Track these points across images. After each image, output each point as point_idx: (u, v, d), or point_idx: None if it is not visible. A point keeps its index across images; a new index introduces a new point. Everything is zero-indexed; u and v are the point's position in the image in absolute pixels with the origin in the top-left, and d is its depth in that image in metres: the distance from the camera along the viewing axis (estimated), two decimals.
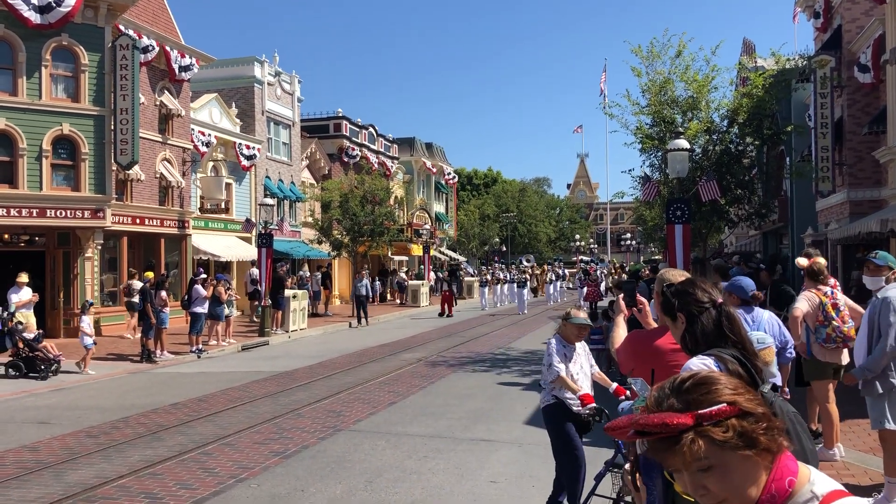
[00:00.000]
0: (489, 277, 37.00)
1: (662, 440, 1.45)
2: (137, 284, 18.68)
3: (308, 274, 31.06)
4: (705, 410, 1.44)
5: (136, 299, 18.75)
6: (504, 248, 66.16)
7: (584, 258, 69.31)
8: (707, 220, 18.41)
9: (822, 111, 21.01)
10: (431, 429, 9.66)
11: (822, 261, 7.80)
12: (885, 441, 6.30)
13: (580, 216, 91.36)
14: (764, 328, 5.94)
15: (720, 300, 3.05)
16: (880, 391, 6.09)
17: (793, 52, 23.59)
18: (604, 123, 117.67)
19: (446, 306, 30.14)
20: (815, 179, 21.34)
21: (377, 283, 38.40)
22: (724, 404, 1.44)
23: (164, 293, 17.60)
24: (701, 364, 2.78)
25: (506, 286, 37.69)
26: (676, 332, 3.17)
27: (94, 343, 15.33)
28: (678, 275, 4.03)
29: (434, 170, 53.64)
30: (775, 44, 67.24)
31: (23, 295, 15.75)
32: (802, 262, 7.83)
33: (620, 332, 4.72)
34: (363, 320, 26.27)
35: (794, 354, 6.60)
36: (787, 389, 6.52)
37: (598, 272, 36.77)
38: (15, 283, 16.15)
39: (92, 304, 16.94)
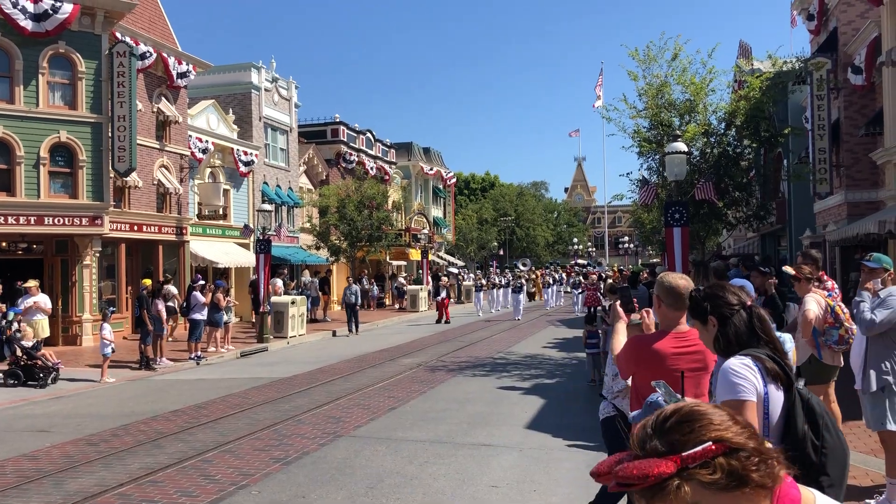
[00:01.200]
0: (484, 282, 36.43)
1: (648, 487, 1.35)
2: (173, 289, 18.48)
3: (308, 279, 31.06)
4: (689, 453, 1.33)
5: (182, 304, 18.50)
6: (502, 253, 66.14)
7: (581, 261, 69.29)
8: (705, 222, 18.43)
9: (819, 113, 21.06)
10: (432, 434, 9.64)
11: (807, 267, 7.77)
12: (885, 442, 6.31)
13: (578, 220, 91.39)
14: None
15: (749, 302, 3.14)
16: (873, 388, 6.12)
17: (789, 54, 23.66)
18: (601, 127, 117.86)
19: (442, 312, 29.62)
20: (812, 181, 21.38)
21: (375, 287, 38.39)
22: (710, 443, 1.35)
23: (160, 301, 17.61)
24: (740, 364, 2.89)
25: (501, 291, 37.03)
26: (707, 335, 3.23)
27: (113, 350, 15.36)
28: (678, 278, 4.05)
29: (432, 174, 53.67)
30: (772, 46, 67.43)
31: (28, 302, 15.81)
32: (789, 269, 7.82)
33: (620, 339, 4.71)
34: (354, 328, 25.30)
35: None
36: None
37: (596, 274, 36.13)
38: (26, 290, 16.21)
39: (114, 312, 16.89)
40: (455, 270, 47.34)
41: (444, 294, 29.91)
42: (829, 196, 21.63)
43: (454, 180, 59.99)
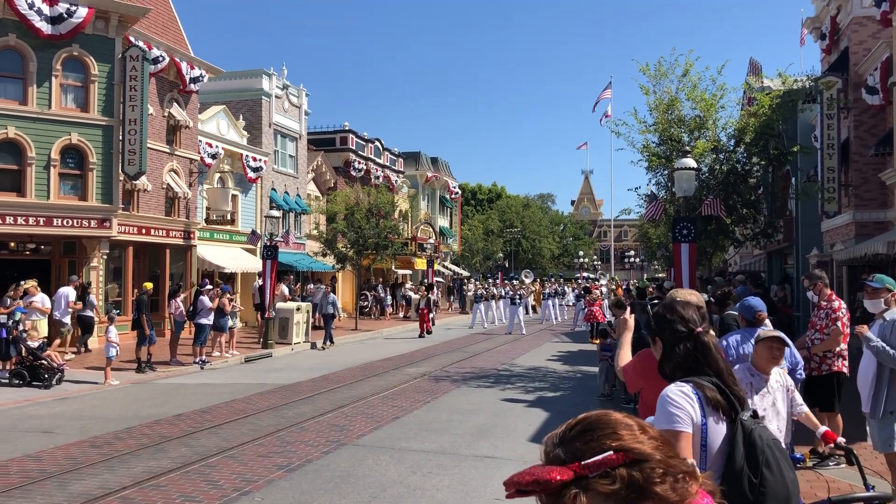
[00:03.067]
0: (483, 293, 35.67)
1: (549, 495, 1.30)
2: (207, 302, 18.37)
3: (313, 286, 31.09)
4: (587, 461, 1.30)
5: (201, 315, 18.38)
6: (507, 264, 66.12)
7: (587, 275, 69.21)
8: (713, 238, 18.42)
9: (829, 132, 21.02)
10: (435, 444, 9.63)
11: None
12: (892, 465, 6.28)
13: (584, 233, 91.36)
14: None
15: (699, 329, 2.89)
16: (882, 413, 6.12)
17: (799, 72, 23.62)
18: (609, 140, 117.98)
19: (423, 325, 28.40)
20: (820, 200, 21.33)
21: (388, 296, 38.47)
22: (611, 453, 1.30)
23: (177, 300, 17.88)
24: (678, 391, 2.73)
25: (501, 302, 35.25)
26: (657, 355, 3.05)
27: (117, 353, 15.44)
28: (689, 293, 4.03)
29: (439, 184, 53.75)
30: (782, 64, 67.41)
31: (26, 302, 15.92)
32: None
33: (625, 353, 4.70)
34: (328, 341, 23.38)
35: (803, 375, 6.58)
36: None
37: (598, 288, 35.01)
38: (26, 291, 16.32)
39: (119, 314, 16.96)
40: (441, 280, 46.59)
41: (422, 304, 28.54)
42: (837, 215, 21.57)
43: (459, 195, 59.97)
